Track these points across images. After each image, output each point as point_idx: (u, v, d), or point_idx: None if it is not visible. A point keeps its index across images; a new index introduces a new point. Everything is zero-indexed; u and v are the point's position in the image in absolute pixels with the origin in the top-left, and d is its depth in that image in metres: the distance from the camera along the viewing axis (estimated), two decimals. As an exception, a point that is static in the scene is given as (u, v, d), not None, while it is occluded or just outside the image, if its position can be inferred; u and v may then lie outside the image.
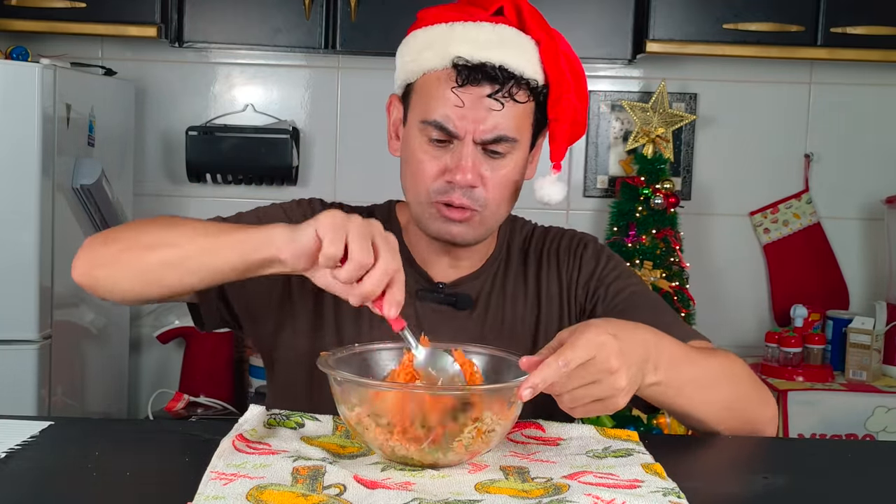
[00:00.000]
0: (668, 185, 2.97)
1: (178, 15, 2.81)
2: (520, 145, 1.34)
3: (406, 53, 1.37)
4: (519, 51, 1.31)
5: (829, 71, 3.15)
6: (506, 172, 1.34)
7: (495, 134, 1.31)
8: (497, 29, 1.32)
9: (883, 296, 3.09)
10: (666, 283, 2.89)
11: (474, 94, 1.29)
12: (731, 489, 1.02)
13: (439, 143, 1.32)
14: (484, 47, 1.29)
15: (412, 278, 1.42)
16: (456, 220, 1.34)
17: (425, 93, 1.33)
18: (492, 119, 1.30)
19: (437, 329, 1.39)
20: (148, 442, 1.14)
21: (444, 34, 1.32)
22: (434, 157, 1.33)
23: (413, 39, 1.37)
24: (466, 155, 1.31)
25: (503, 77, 1.29)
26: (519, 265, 1.48)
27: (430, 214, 1.36)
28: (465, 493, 0.96)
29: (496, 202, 1.35)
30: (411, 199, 1.39)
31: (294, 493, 0.93)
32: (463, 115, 1.30)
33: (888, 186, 3.13)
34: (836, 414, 2.77)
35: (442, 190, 1.33)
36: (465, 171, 1.30)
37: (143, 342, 3.18)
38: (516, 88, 1.30)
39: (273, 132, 3.00)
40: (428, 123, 1.32)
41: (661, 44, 2.83)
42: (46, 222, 2.39)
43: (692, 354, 1.25)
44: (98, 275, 1.25)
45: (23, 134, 2.34)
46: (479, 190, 1.33)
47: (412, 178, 1.36)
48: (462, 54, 1.29)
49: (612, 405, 1.10)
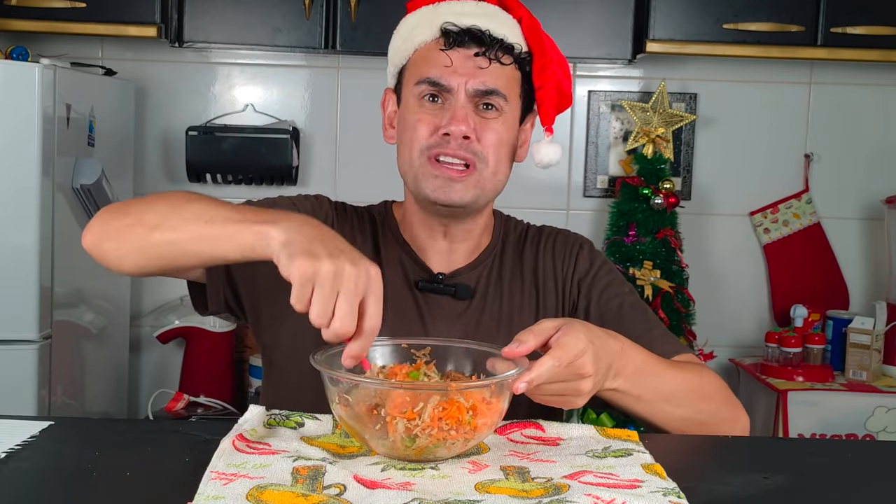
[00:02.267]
0: (668, 185, 2.97)
1: (178, 15, 2.81)
2: (510, 106, 1.40)
3: (396, 40, 1.44)
4: (502, 22, 1.39)
5: (829, 71, 3.15)
6: (498, 128, 1.39)
7: (486, 86, 1.37)
8: (481, 4, 1.41)
9: (883, 296, 3.09)
10: (666, 283, 2.89)
11: (462, 54, 1.37)
12: (731, 489, 1.02)
13: (433, 101, 1.38)
14: (469, 16, 1.38)
15: (411, 270, 1.46)
16: (454, 178, 1.37)
17: (417, 62, 1.40)
18: (481, 75, 1.37)
19: (436, 319, 1.41)
20: (148, 442, 1.14)
21: (431, 11, 1.41)
22: (430, 114, 1.38)
23: (402, 25, 1.45)
24: (460, 105, 1.36)
25: (489, 40, 1.37)
26: (515, 258, 1.51)
27: (425, 173, 1.38)
28: (465, 493, 0.96)
29: (493, 159, 1.39)
30: (406, 163, 1.41)
31: (294, 493, 0.93)
32: (453, 70, 1.37)
33: (888, 186, 3.13)
34: (836, 414, 2.77)
35: (436, 143, 1.37)
36: (459, 122, 1.36)
37: (143, 342, 3.18)
38: (501, 52, 1.38)
39: (273, 132, 3.00)
40: (421, 82, 1.38)
41: (661, 44, 2.83)
42: (46, 222, 2.39)
43: (659, 367, 1.31)
44: (105, 248, 1.27)
45: (23, 134, 2.35)
46: (475, 143, 1.37)
47: (409, 140, 1.40)
48: (449, 20, 1.37)
49: (570, 403, 1.18)
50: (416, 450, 1.04)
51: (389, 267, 1.45)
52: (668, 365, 1.33)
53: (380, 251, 1.47)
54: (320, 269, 1.03)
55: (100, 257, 1.29)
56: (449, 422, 1.04)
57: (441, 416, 1.04)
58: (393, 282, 1.44)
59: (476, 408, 1.05)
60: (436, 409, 1.04)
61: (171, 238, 1.21)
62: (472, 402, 1.05)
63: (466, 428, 1.05)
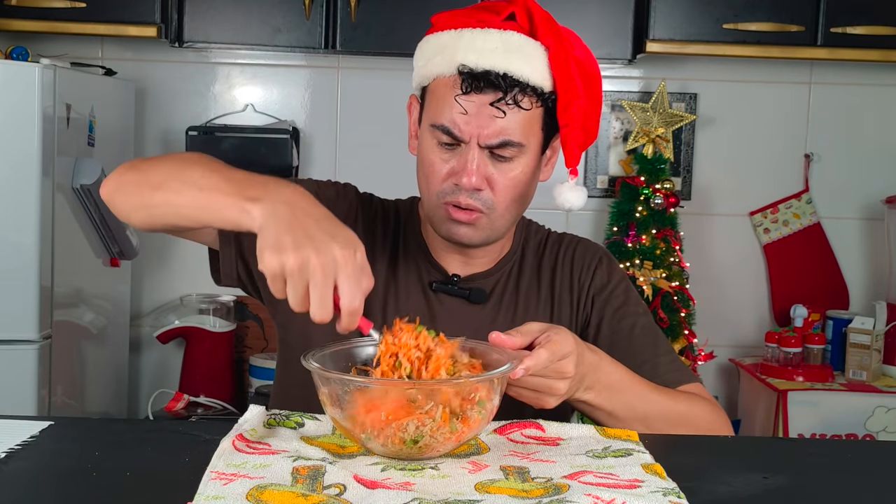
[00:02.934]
0: (668, 185, 2.97)
1: (178, 15, 2.81)
2: (528, 150, 1.36)
3: (419, 58, 1.40)
4: (525, 58, 1.32)
5: (829, 71, 3.15)
6: (514, 175, 1.36)
7: (500, 139, 1.32)
8: (504, 36, 1.33)
9: (883, 296, 3.09)
10: (666, 283, 2.89)
11: (478, 102, 1.31)
12: (731, 489, 1.02)
13: (447, 147, 1.35)
14: (489, 55, 1.31)
15: (426, 271, 1.46)
16: (462, 222, 1.37)
17: (435, 97, 1.36)
18: (496, 125, 1.32)
19: (449, 321, 1.41)
20: (148, 442, 1.14)
21: (453, 40, 1.34)
22: (443, 159, 1.36)
23: (426, 44, 1.40)
24: (472, 159, 1.33)
25: (507, 85, 1.31)
26: (533, 267, 1.50)
27: (439, 216, 1.39)
28: (465, 493, 0.96)
29: (503, 205, 1.37)
30: (423, 199, 1.42)
31: (294, 493, 0.93)
32: (467, 121, 1.32)
33: (888, 186, 3.13)
34: (836, 414, 2.77)
35: (449, 191, 1.36)
36: (470, 175, 1.33)
37: (143, 342, 3.18)
38: (521, 95, 1.32)
39: (273, 132, 3.00)
40: (436, 127, 1.35)
41: (661, 44, 2.83)
42: (46, 222, 2.39)
43: (639, 387, 1.32)
44: (117, 200, 1.30)
45: (23, 134, 2.35)
46: (486, 192, 1.35)
47: (424, 180, 1.40)
48: (467, 62, 1.31)
49: (542, 402, 1.21)
50: (409, 445, 1.05)
51: (406, 266, 1.46)
52: (653, 388, 1.34)
53: (398, 248, 1.48)
54: (286, 263, 1.06)
55: (113, 208, 1.31)
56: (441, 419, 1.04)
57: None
58: (407, 281, 1.46)
59: (464, 404, 1.06)
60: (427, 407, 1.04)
61: (170, 200, 1.23)
62: (463, 396, 1.06)
63: (458, 426, 1.05)
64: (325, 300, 1.06)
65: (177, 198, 1.22)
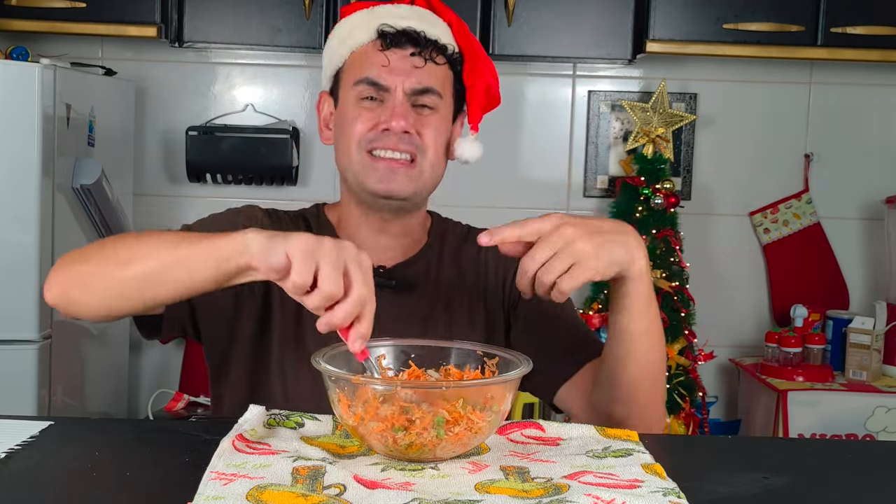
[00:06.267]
0: (668, 185, 2.97)
1: (178, 15, 2.81)
2: (444, 104, 1.44)
3: (331, 44, 1.50)
4: (434, 24, 1.45)
5: (829, 71, 3.15)
6: (436, 123, 1.43)
7: (423, 85, 1.41)
8: (414, 8, 1.46)
9: (883, 296, 3.09)
10: (666, 283, 2.89)
11: (399, 54, 1.42)
12: (731, 489, 1.02)
13: (371, 101, 1.42)
14: (404, 18, 1.43)
15: None
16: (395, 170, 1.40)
17: (354, 63, 1.44)
18: (417, 74, 1.42)
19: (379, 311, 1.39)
20: (148, 442, 1.14)
21: (367, 15, 1.45)
22: (368, 109, 1.42)
23: (338, 29, 1.50)
24: (398, 103, 1.40)
25: (424, 41, 1.42)
26: (454, 257, 1.52)
27: (365, 166, 1.42)
28: (465, 493, 0.96)
29: (433, 152, 1.43)
30: (346, 158, 1.44)
31: (294, 493, 0.93)
32: (390, 70, 1.41)
33: (888, 186, 3.13)
34: (836, 414, 2.77)
35: (374, 137, 1.41)
36: (399, 117, 1.40)
37: (143, 342, 3.18)
38: (436, 52, 1.43)
39: (273, 132, 3.00)
40: (359, 82, 1.42)
41: (661, 44, 2.83)
42: (46, 222, 2.40)
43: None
44: (72, 295, 1.23)
45: (23, 134, 2.35)
46: (415, 136, 1.41)
47: (346, 139, 1.43)
48: (386, 22, 1.42)
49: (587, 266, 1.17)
50: (413, 447, 1.04)
51: None
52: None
53: None
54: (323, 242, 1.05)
55: (64, 306, 1.25)
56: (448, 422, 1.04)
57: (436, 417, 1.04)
58: None
59: (473, 409, 1.06)
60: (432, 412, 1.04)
61: (148, 268, 1.17)
62: (471, 403, 1.06)
63: (465, 427, 1.05)
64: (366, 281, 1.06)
65: (155, 262, 1.16)
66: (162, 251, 1.17)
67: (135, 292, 1.19)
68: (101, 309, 1.23)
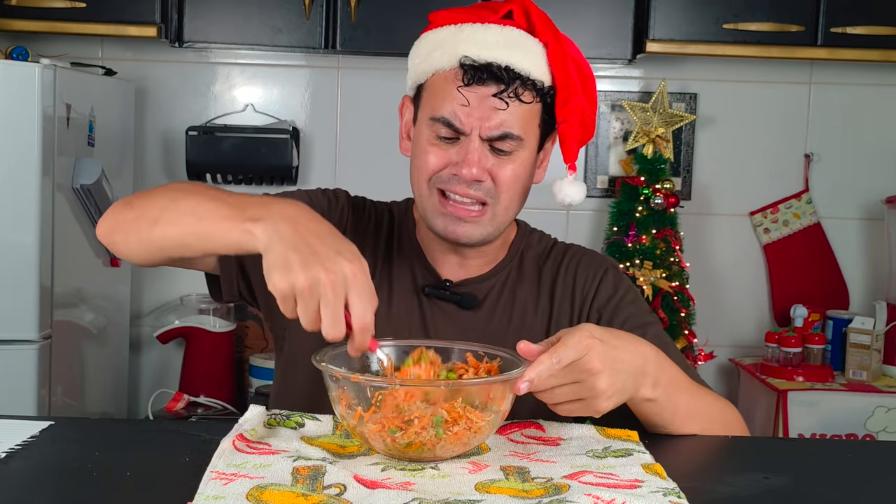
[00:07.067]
0: (668, 185, 2.97)
1: (178, 15, 2.81)
2: (526, 144, 1.36)
3: (416, 55, 1.39)
4: (526, 52, 1.33)
5: (829, 71, 3.15)
6: (513, 168, 1.35)
7: (501, 131, 1.32)
8: (504, 31, 1.34)
9: (883, 296, 3.09)
10: (666, 283, 2.89)
11: (480, 94, 1.31)
12: (731, 489, 1.02)
13: (447, 140, 1.34)
14: (491, 48, 1.31)
15: (420, 275, 1.44)
16: (463, 218, 1.35)
17: (434, 92, 1.35)
18: (497, 117, 1.32)
19: (439, 326, 1.40)
20: (148, 442, 1.14)
21: (453, 35, 1.34)
22: (441, 149, 1.35)
23: (423, 41, 1.39)
24: (473, 149, 1.32)
25: (509, 77, 1.31)
26: (533, 275, 1.48)
27: (433, 206, 1.37)
28: (466, 493, 0.96)
29: (507, 197, 1.36)
30: (416, 193, 1.40)
31: (294, 493, 0.93)
32: (469, 112, 1.32)
33: (888, 186, 3.13)
34: (836, 414, 2.77)
35: (445, 179, 1.35)
36: (471, 165, 1.32)
37: (143, 342, 3.18)
38: (522, 89, 1.32)
39: (273, 132, 3.00)
40: (436, 120, 1.34)
41: (661, 44, 2.83)
42: (46, 222, 2.39)
43: (692, 385, 1.28)
44: (115, 239, 1.29)
45: (23, 134, 2.35)
46: (488, 183, 1.35)
47: (417, 171, 1.38)
48: (469, 54, 1.31)
49: (593, 406, 1.13)
50: (413, 447, 1.04)
51: (399, 269, 1.45)
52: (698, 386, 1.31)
53: (392, 251, 1.46)
54: (295, 283, 1.04)
55: (112, 248, 1.30)
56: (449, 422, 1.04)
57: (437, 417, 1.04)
58: (401, 284, 1.44)
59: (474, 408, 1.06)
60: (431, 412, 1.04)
61: (170, 234, 1.21)
62: (471, 402, 1.06)
63: (465, 428, 1.05)
64: (336, 318, 1.04)
65: (176, 229, 1.20)
66: (185, 220, 1.19)
67: (162, 249, 1.24)
68: (138, 258, 1.28)
